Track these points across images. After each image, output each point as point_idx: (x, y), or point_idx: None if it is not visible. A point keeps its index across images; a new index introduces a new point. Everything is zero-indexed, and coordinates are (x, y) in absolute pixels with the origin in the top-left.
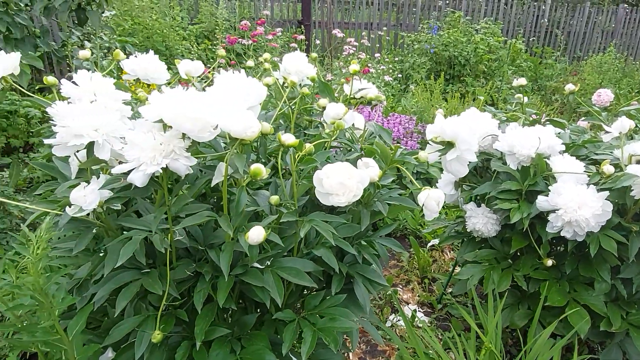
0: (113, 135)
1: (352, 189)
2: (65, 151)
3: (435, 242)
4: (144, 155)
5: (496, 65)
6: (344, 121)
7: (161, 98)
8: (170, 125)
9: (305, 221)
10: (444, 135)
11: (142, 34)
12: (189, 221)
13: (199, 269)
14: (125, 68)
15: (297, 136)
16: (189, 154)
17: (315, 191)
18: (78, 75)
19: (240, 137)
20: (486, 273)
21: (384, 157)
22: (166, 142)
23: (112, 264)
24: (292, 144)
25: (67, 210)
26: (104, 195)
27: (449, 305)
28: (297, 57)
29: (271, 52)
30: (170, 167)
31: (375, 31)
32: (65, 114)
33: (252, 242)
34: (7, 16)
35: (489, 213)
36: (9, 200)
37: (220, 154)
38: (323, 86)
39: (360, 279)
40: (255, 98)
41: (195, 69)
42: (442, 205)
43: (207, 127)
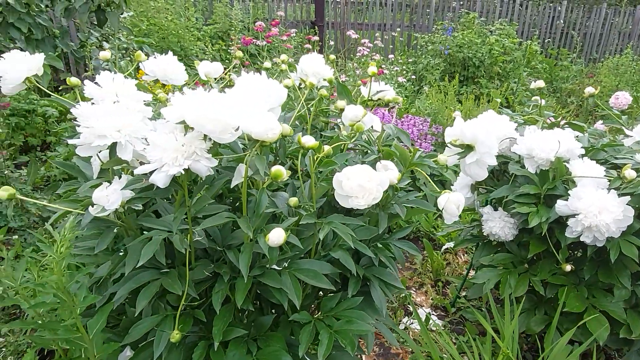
0: (135, 136)
1: (372, 192)
2: (89, 151)
3: (450, 245)
4: (166, 156)
5: (511, 67)
6: (362, 123)
7: (183, 99)
8: (192, 126)
9: (324, 223)
10: (464, 138)
11: (158, 34)
12: (209, 222)
13: (217, 270)
14: (145, 69)
15: (313, 138)
16: (210, 155)
17: (335, 193)
18: (100, 77)
19: (261, 138)
20: (502, 277)
21: (402, 159)
22: (188, 143)
23: (132, 263)
24: (312, 146)
25: (90, 209)
26: (125, 195)
27: (463, 309)
28: (314, 59)
29: (285, 53)
30: (191, 168)
31: (388, 32)
32: (89, 114)
33: (272, 244)
34: (28, 17)
35: (506, 217)
36: (35, 200)
37: (239, 155)
38: (341, 88)
39: (376, 282)
40: (275, 100)
41: (215, 70)
42: (462, 208)
43: (228, 128)
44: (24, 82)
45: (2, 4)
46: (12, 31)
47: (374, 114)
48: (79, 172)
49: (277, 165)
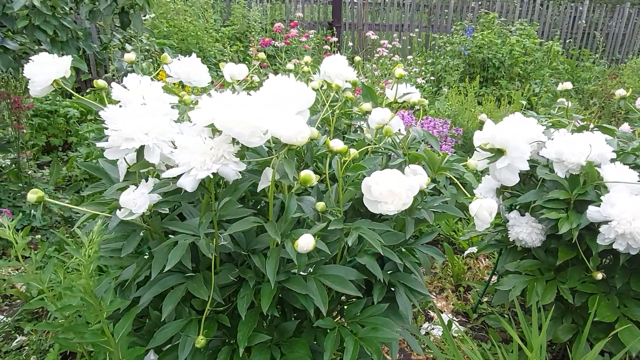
0: (162, 139)
1: (402, 197)
2: (117, 154)
3: (473, 250)
4: (194, 159)
5: (532, 67)
6: (390, 126)
7: (211, 102)
8: (221, 129)
9: (352, 229)
10: (494, 142)
11: (177, 36)
12: (236, 227)
13: (242, 275)
14: (169, 71)
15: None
16: (238, 159)
17: (364, 198)
18: (127, 79)
19: (290, 142)
20: (529, 285)
21: (431, 164)
22: (216, 146)
23: (158, 267)
24: (341, 150)
25: (117, 213)
26: (153, 199)
27: (485, 315)
28: (338, 61)
29: (302, 54)
30: (220, 172)
31: (406, 32)
32: (117, 117)
33: (301, 251)
34: (54, 19)
35: (534, 222)
36: (60, 203)
37: (265, 158)
38: (366, 90)
39: (402, 288)
40: (303, 102)
41: (240, 72)
42: (494, 215)
43: (257, 132)
44: (52, 85)
45: (29, 7)
46: (38, 33)
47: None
48: (104, 173)
49: (306, 170)
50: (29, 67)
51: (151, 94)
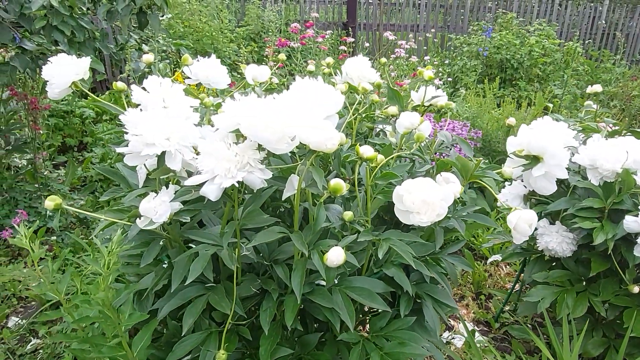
0: (184, 144)
1: (436, 208)
2: (137, 160)
3: (497, 258)
4: (218, 166)
5: (551, 69)
6: (419, 131)
7: (236, 106)
8: (246, 135)
9: (382, 240)
10: (530, 148)
11: (192, 36)
12: (261, 238)
13: (264, 286)
14: (189, 72)
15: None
16: (264, 167)
17: (395, 208)
18: (148, 81)
19: (319, 149)
20: (559, 296)
21: (463, 171)
22: (241, 153)
23: (179, 279)
24: (371, 157)
25: (137, 222)
26: (174, 207)
27: (508, 324)
28: (360, 62)
29: (318, 55)
30: (245, 181)
31: (422, 33)
32: (137, 121)
33: (331, 265)
34: (72, 20)
35: (565, 231)
36: (87, 212)
37: (290, 165)
38: (392, 93)
39: (429, 301)
40: (332, 107)
41: (262, 74)
42: (534, 227)
43: (285, 137)
44: (70, 87)
45: (47, 7)
46: (56, 34)
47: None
48: (122, 178)
49: (336, 179)
50: (47, 68)
51: (172, 97)
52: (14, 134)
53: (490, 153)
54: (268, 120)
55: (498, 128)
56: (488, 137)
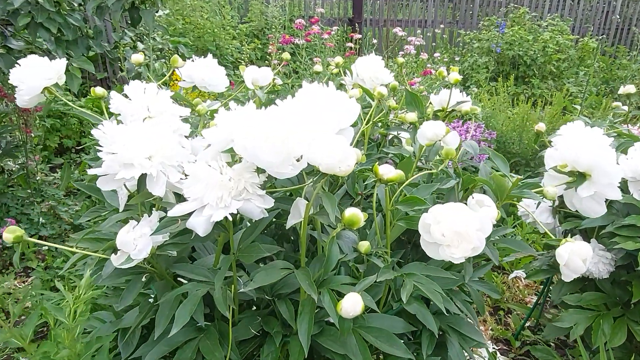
0: (170, 164)
1: (471, 240)
2: (112, 184)
3: (520, 274)
4: (208, 194)
5: (565, 65)
6: (445, 144)
7: (230, 119)
8: (242, 156)
9: (404, 276)
10: (577, 163)
11: (193, 33)
12: (262, 279)
13: (265, 327)
14: (182, 74)
15: (371, 153)
16: (264, 192)
17: (421, 240)
18: (130, 87)
19: (331, 172)
20: (595, 322)
21: (499, 190)
22: (236, 177)
23: (164, 323)
24: (393, 179)
25: (112, 258)
26: (157, 240)
27: (529, 344)
28: (373, 62)
29: (324, 52)
30: (241, 211)
31: (429, 28)
32: (114, 137)
33: (346, 316)
34: (59, 17)
35: (601, 250)
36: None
37: (296, 187)
38: (411, 98)
39: (454, 336)
40: (346, 118)
41: (263, 77)
42: (589, 262)
43: (289, 158)
44: (43, 93)
45: (31, 3)
46: (41, 32)
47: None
48: (103, 196)
49: (352, 209)
50: (15, 72)
51: (158, 105)
52: (4, 137)
53: (504, 155)
54: (268, 137)
55: (513, 129)
56: (503, 138)
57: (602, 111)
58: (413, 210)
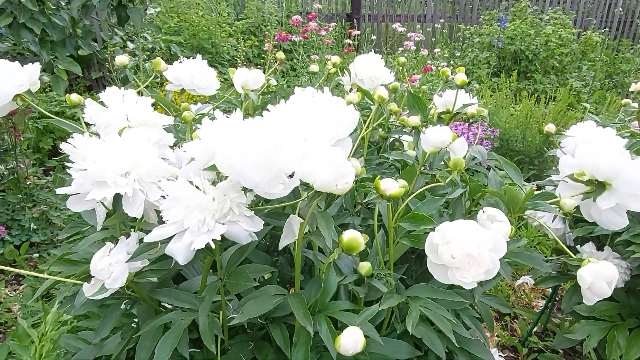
0: (149, 180)
1: (484, 262)
2: (83, 205)
3: (528, 280)
4: (189, 217)
5: (568, 60)
6: (450, 151)
7: (212, 132)
8: (227, 175)
9: (410, 302)
10: (597, 172)
11: (188, 31)
12: (252, 310)
13: (258, 355)
14: (169, 76)
15: (371, 159)
16: (252, 213)
17: (427, 262)
18: (106, 94)
19: (327, 190)
20: (609, 334)
21: (511, 203)
22: (220, 197)
23: (145, 355)
24: (396, 195)
25: (84, 288)
26: (134, 267)
27: (537, 351)
28: (372, 61)
29: (321, 49)
30: (227, 235)
31: (429, 23)
32: (85, 152)
33: (345, 353)
34: (43, 17)
35: (616, 259)
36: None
37: (288, 203)
38: (414, 100)
39: (462, 357)
40: (344, 128)
41: (255, 79)
42: (614, 286)
43: (279, 176)
44: (14, 101)
45: (13, 2)
46: (24, 32)
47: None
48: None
49: (351, 232)
50: None
51: (138, 114)
52: None
53: (507, 153)
54: (254, 153)
55: (517, 126)
56: (506, 135)
57: (607, 106)
58: (415, 226)
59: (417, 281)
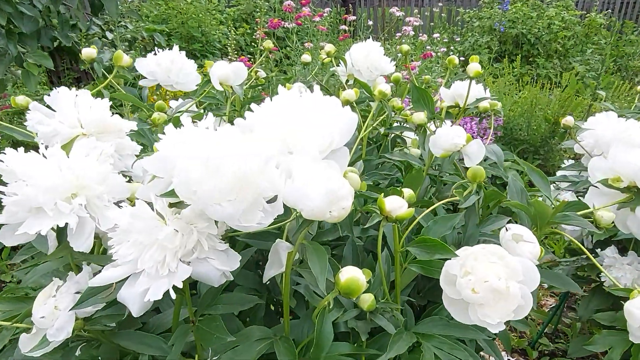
0: (102, 204)
1: (512, 298)
2: (16, 239)
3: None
4: (144, 257)
5: (571, 43)
6: (465, 155)
7: (172, 145)
8: (189, 203)
9: (422, 342)
10: (634, 175)
11: (177, 19)
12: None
13: None
14: (141, 71)
15: (370, 159)
16: (226, 246)
17: (443, 296)
18: (53, 96)
19: (319, 218)
20: (634, 346)
21: (539, 217)
22: (185, 228)
23: None
24: (404, 217)
25: (21, 341)
26: (85, 311)
27: (548, 354)
28: (370, 49)
29: (316, 36)
30: (194, 276)
31: (427, 7)
32: (19, 171)
33: None
34: (8, 6)
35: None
36: None
37: (274, 225)
38: (418, 94)
39: None
40: (340, 135)
41: (236, 73)
42: None
43: (258, 202)
44: None
45: None
46: None
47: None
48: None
49: (351, 271)
50: None
51: (92, 119)
52: None
53: (511, 142)
54: (220, 173)
55: (521, 114)
56: (509, 124)
57: (613, 91)
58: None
59: (426, 297)
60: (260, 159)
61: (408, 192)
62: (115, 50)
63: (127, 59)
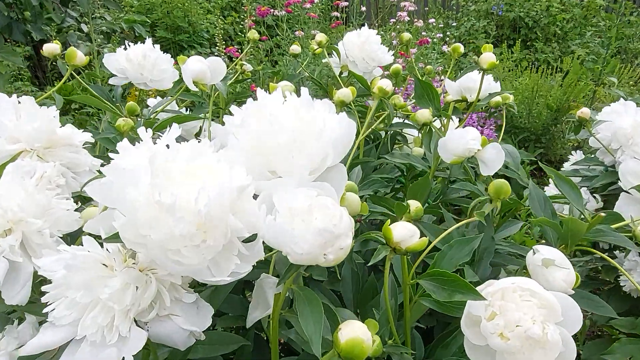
0: (42, 242)
1: (554, 346)
2: None
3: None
4: (85, 319)
5: (570, 26)
6: (480, 161)
7: (121, 172)
8: (140, 252)
9: None
10: None
11: (161, 8)
12: None
13: None
14: (110, 67)
15: (368, 161)
16: (194, 298)
17: (465, 342)
18: None
19: (311, 263)
20: None
21: (572, 235)
22: (140, 278)
23: None
24: (415, 248)
25: None
26: None
27: None
28: (367, 37)
29: (307, 24)
30: (153, 339)
31: None
32: None
33: None
34: None
35: None
36: None
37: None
38: (422, 88)
39: None
40: (334, 148)
41: (213, 69)
42: None
43: (232, 247)
44: None
45: None
46: None
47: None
48: None
49: (354, 328)
50: None
51: (35, 131)
52: None
53: (511, 130)
54: (180, 213)
55: (521, 101)
56: (510, 112)
57: (615, 74)
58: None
59: (434, 316)
60: (231, 189)
61: (415, 205)
62: (88, 45)
63: (81, 56)
